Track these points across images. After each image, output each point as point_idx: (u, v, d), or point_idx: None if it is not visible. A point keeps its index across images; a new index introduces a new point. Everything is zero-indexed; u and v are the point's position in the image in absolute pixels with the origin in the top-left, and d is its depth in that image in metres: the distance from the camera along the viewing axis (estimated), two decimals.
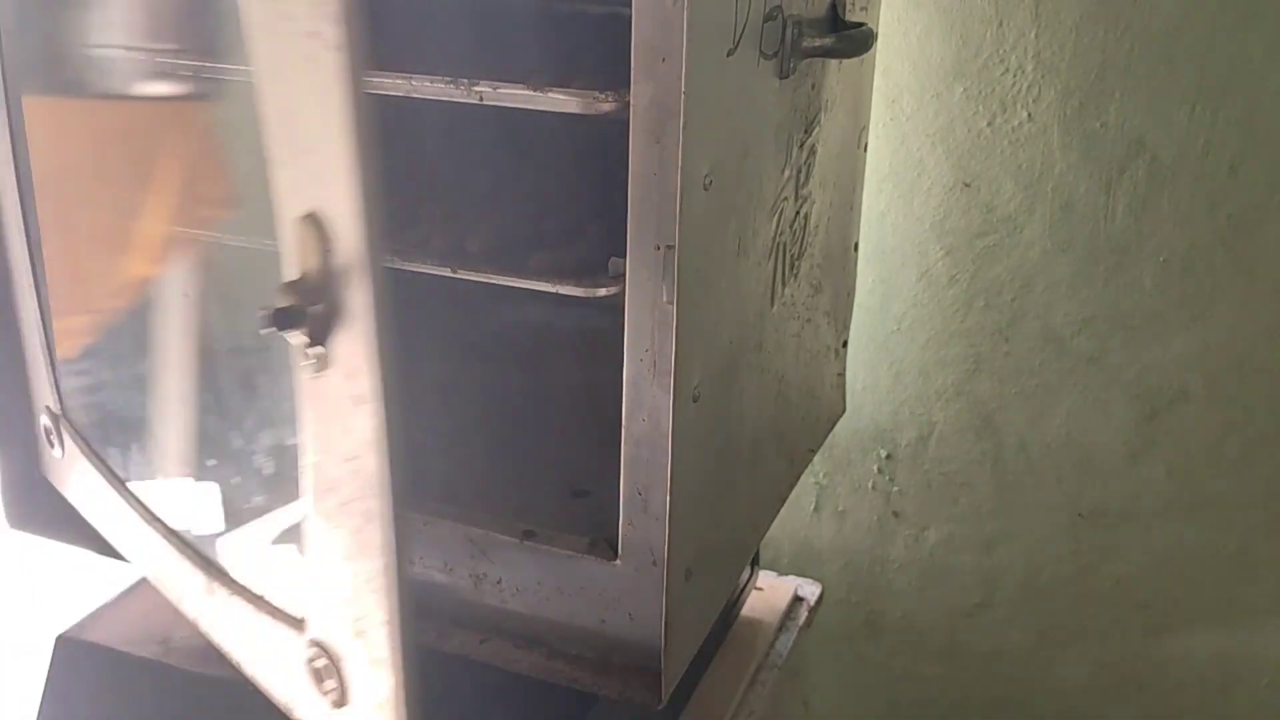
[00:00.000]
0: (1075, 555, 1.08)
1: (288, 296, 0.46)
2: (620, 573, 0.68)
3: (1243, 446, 1.00)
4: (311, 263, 0.46)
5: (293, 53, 0.43)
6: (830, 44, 0.70)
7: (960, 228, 1.00)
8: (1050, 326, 1.01)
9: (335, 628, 0.55)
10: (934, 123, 0.98)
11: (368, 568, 0.51)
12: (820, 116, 0.78)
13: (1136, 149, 0.94)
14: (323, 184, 0.45)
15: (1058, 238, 0.98)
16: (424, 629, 0.75)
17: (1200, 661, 1.09)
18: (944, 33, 0.95)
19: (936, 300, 1.03)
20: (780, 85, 0.68)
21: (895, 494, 1.12)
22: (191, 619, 0.71)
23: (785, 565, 1.17)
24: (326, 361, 0.48)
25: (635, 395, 0.62)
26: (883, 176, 1.01)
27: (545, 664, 0.72)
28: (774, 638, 0.95)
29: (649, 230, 0.58)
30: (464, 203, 0.80)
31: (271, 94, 0.46)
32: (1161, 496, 1.04)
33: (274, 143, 0.47)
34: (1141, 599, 1.08)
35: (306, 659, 0.57)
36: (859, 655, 1.20)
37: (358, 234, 0.44)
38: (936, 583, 1.14)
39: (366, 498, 0.49)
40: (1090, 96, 0.93)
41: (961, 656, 1.16)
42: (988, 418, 1.06)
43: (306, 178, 0.45)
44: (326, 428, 0.49)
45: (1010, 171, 0.97)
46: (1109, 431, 1.03)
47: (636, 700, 0.70)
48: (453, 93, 0.62)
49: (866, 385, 1.08)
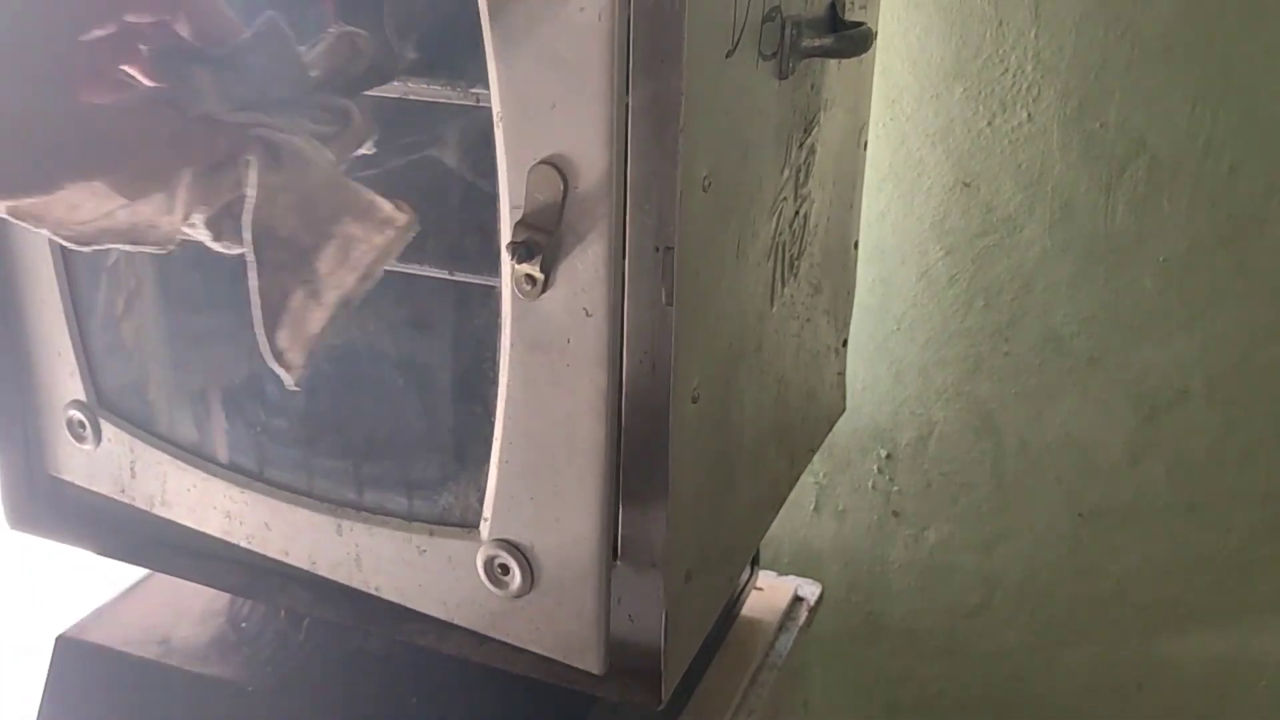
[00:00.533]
0: (1075, 555, 1.08)
1: (522, 232, 0.55)
2: (619, 574, 0.68)
3: (1243, 446, 1.00)
4: (545, 200, 0.55)
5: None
6: (829, 44, 0.70)
7: (960, 227, 1.00)
8: (1050, 326, 1.01)
9: (528, 526, 0.63)
10: (934, 123, 0.98)
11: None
12: (819, 116, 0.78)
13: (1136, 149, 0.93)
14: (568, 134, 0.55)
15: (1058, 237, 0.98)
16: (423, 630, 0.75)
17: (1200, 661, 1.09)
18: (943, 33, 0.95)
19: (936, 300, 1.03)
20: (779, 86, 0.68)
21: (895, 494, 1.12)
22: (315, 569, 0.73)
23: (785, 565, 1.17)
24: (548, 285, 0.57)
25: (634, 396, 0.62)
26: (882, 176, 1.01)
27: (544, 665, 0.72)
28: (774, 638, 0.95)
29: (648, 232, 0.58)
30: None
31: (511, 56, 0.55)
32: (1161, 496, 1.04)
33: (506, 101, 0.56)
34: (1141, 599, 1.08)
35: (484, 560, 0.65)
36: (859, 655, 1.20)
37: (602, 169, 0.55)
38: (936, 583, 1.14)
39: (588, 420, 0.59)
40: (1090, 96, 0.93)
41: (961, 656, 1.16)
42: (988, 417, 1.06)
43: (550, 130, 0.55)
44: (550, 337, 0.58)
45: (1010, 171, 0.97)
46: (1109, 431, 1.03)
47: (636, 701, 0.70)
48: (450, 95, 0.62)
49: (866, 385, 1.08)
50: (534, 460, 0.62)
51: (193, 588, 0.84)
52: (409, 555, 0.69)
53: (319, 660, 0.84)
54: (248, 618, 0.88)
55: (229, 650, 0.85)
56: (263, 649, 0.85)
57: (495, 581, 0.66)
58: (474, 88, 0.62)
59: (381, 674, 0.83)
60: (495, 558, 0.65)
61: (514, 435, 0.61)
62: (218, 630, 0.87)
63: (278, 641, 0.86)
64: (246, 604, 0.88)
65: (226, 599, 0.89)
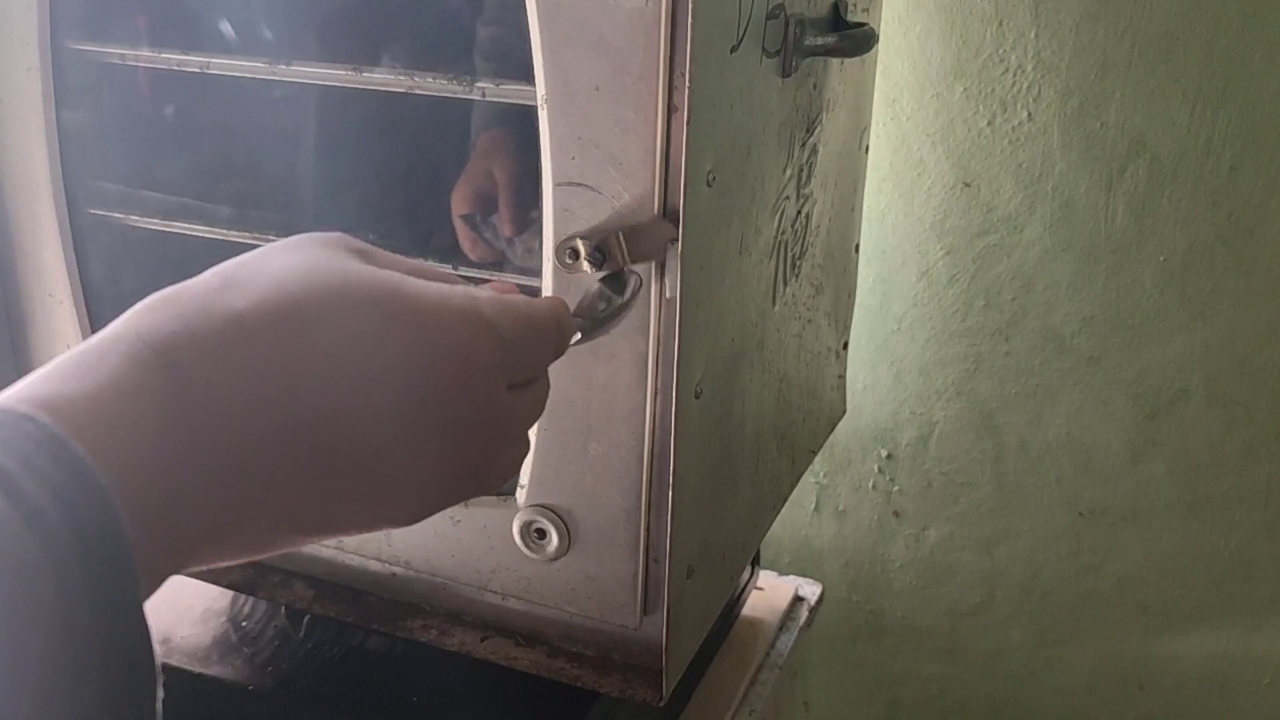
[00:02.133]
0: (1075, 555, 1.08)
1: (589, 241, 0.57)
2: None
3: (1243, 446, 1.00)
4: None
5: None
6: (832, 43, 0.70)
7: (960, 227, 1.00)
8: (1050, 326, 1.01)
9: (566, 492, 0.65)
10: (934, 122, 0.98)
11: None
12: (822, 116, 0.78)
13: (1137, 148, 0.94)
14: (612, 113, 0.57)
15: (1058, 237, 0.98)
16: (425, 627, 0.75)
17: (1200, 661, 1.09)
18: (944, 32, 0.95)
19: (937, 300, 1.03)
20: (783, 84, 0.68)
21: (895, 494, 1.12)
22: (341, 547, 0.74)
23: (785, 565, 1.17)
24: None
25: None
26: (883, 176, 1.01)
27: (546, 662, 0.72)
28: (774, 637, 0.95)
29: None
30: None
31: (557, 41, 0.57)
32: (1162, 496, 1.04)
33: (552, 84, 0.58)
34: (1142, 599, 1.08)
35: (521, 526, 0.67)
36: (859, 655, 1.20)
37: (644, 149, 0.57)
38: (936, 582, 1.14)
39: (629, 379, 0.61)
40: (1090, 96, 0.93)
41: (961, 656, 1.16)
42: (988, 417, 1.06)
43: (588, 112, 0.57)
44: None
45: (1010, 171, 0.97)
46: (1109, 431, 1.03)
47: (638, 698, 0.70)
48: (455, 90, 0.62)
49: (867, 384, 1.08)
50: (572, 426, 0.64)
51: (194, 587, 0.84)
52: (442, 528, 0.70)
53: (319, 660, 0.84)
54: (249, 617, 0.88)
55: (230, 650, 0.85)
56: (263, 649, 0.85)
57: (531, 546, 0.68)
58: (479, 82, 0.62)
59: (382, 674, 0.83)
60: (532, 523, 0.67)
61: (553, 403, 0.62)
62: (219, 630, 0.86)
63: (278, 641, 0.85)
64: (248, 604, 0.88)
65: (228, 599, 0.89)
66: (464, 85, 0.61)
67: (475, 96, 0.61)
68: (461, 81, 0.62)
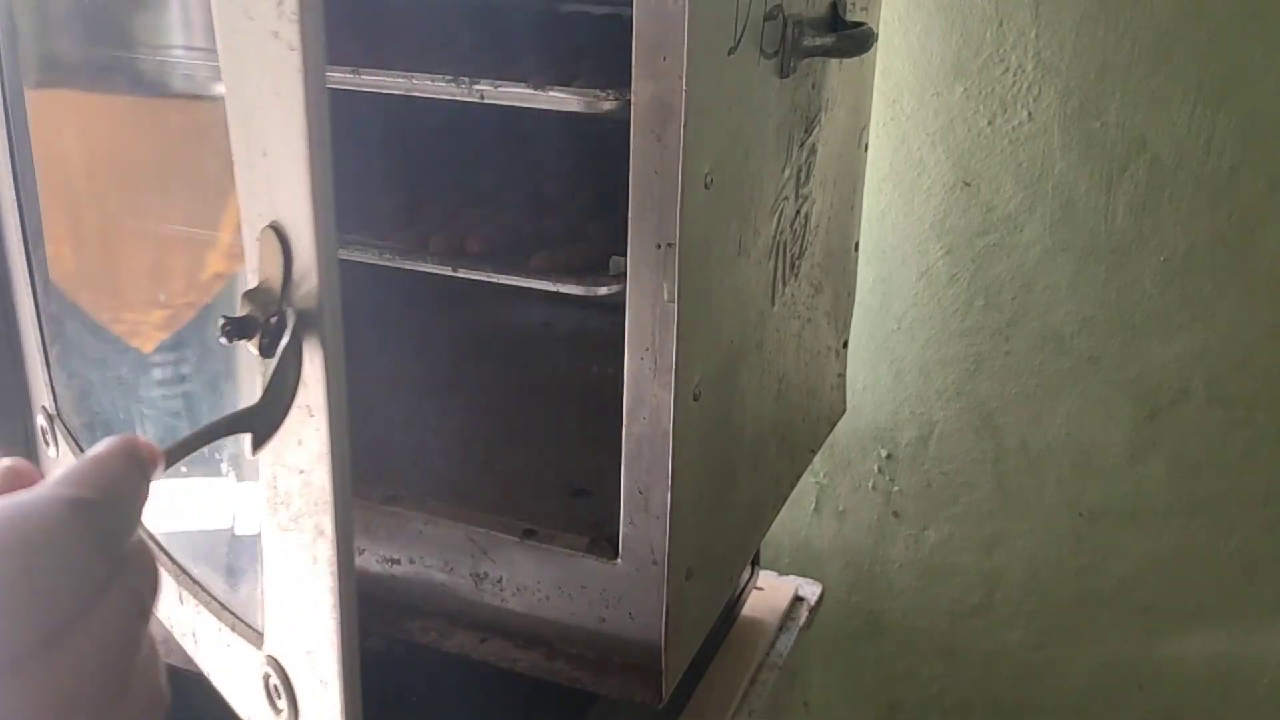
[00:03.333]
0: (1075, 555, 1.08)
1: (246, 305, 0.44)
2: (621, 572, 0.68)
3: (1244, 446, 1.00)
4: (270, 272, 0.44)
5: (255, 53, 0.42)
6: (831, 43, 0.70)
7: (960, 227, 1.00)
8: (1050, 326, 1.01)
9: (288, 645, 0.53)
10: (934, 122, 0.98)
11: (317, 585, 0.50)
12: (821, 116, 0.78)
13: (1137, 148, 0.94)
14: (281, 192, 0.43)
15: (1058, 237, 0.98)
16: (424, 629, 0.75)
17: (1200, 661, 1.09)
18: (944, 32, 0.95)
19: (937, 300, 1.03)
20: (781, 84, 0.68)
21: (895, 494, 1.12)
22: (166, 627, 0.69)
23: (785, 565, 1.17)
24: None
25: (636, 393, 0.62)
26: (883, 176, 1.01)
27: (545, 663, 0.72)
28: (774, 638, 0.95)
29: (650, 228, 0.58)
30: (465, 202, 0.80)
31: (235, 98, 0.44)
32: (1162, 496, 1.04)
33: (238, 147, 0.45)
34: (1142, 599, 1.08)
35: (263, 676, 0.56)
36: (859, 655, 1.20)
37: (310, 244, 0.42)
38: (936, 583, 1.14)
39: (317, 513, 0.48)
40: (1090, 96, 0.93)
41: (961, 656, 1.16)
42: (988, 417, 1.06)
43: (266, 184, 0.44)
44: (281, 438, 0.48)
45: (1010, 171, 0.97)
46: (1109, 431, 1.03)
47: (637, 699, 0.70)
48: (454, 91, 0.62)
49: (867, 384, 1.08)
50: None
51: None
52: None
53: None
54: None
55: None
56: None
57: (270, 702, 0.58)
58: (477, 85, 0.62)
59: (382, 674, 0.83)
60: (269, 676, 0.57)
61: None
62: None
63: None
64: None
65: None
66: (462, 88, 0.61)
67: (473, 99, 0.61)
68: (460, 84, 0.62)
